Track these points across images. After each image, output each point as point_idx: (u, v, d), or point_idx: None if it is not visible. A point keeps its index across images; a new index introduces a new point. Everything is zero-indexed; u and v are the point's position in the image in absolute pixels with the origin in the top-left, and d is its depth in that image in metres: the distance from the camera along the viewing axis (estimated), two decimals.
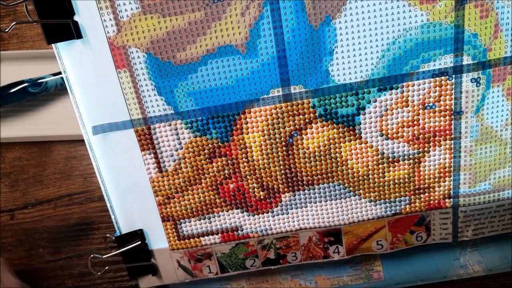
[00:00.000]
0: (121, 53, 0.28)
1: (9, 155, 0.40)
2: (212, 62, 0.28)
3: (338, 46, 0.28)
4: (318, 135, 0.30)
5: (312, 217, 0.33)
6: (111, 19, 0.27)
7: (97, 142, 0.30)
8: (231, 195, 0.32)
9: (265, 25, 0.27)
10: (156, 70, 0.28)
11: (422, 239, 0.34)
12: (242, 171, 0.31)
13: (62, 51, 0.28)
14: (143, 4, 0.27)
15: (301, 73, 0.29)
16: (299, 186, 0.32)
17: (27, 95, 0.40)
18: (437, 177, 0.32)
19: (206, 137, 0.30)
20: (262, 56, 0.28)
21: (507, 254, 0.36)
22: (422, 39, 0.28)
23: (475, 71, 0.29)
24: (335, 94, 0.29)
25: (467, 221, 0.33)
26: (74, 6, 0.27)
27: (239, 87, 0.29)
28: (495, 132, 0.31)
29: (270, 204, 0.32)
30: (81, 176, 0.39)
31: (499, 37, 0.28)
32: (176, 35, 0.27)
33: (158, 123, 0.29)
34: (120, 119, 0.29)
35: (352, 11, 0.27)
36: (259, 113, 0.29)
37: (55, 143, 0.40)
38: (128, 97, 0.29)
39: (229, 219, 0.32)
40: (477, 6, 0.27)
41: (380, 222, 0.33)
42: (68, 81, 0.29)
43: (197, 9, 0.27)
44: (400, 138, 0.31)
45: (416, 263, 0.36)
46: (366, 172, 0.31)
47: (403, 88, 0.29)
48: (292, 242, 0.34)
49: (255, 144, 0.30)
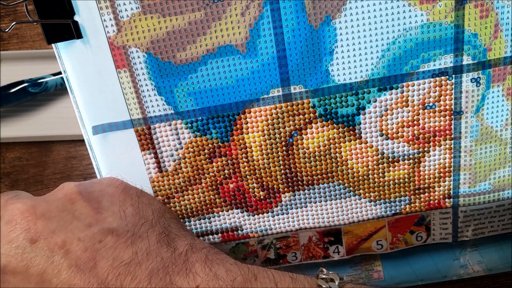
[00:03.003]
0: (121, 53, 0.28)
1: (9, 155, 0.40)
2: (212, 62, 0.28)
3: (338, 46, 0.28)
4: (318, 135, 0.30)
5: (312, 217, 0.33)
6: (111, 19, 0.27)
7: (97, 142, 0.30)
8: (231, 195, 0.32)
9: (265, 25, 0.27)
10: (156, 70, 0.28)
11: (422, 239, 0.34)
12: (242, 171, 0.31)
13: (62, 51, 0.28)
14: (143, 4, 0.27)
15: (301, 73, 0.29)
16: (299, 186, 0.32)
17: (27, 95, 0.40)
18: (437, 177, 0.32)
19: (206, 137, 0.30)
20: (262, 56, 0.28)
21: (507, 254, 0.36)
22: (422, 39, 0.28)
23: (475, 71, 0.29)
24: (335, 94, 0.29)
25: (467, 221, 0.33)
26: (74, 6, 0.27)
27: (239, 87, 0.29)
28: (495, 132, 0.31)
29: (270, 204, 0.32)
30: (81, 176, 0.39)
31: (499, 37, 0.28)
32: (176, 35, 0.27)
33: (158, 123, 0.29)
34: (120, 119, 0.29)
35: (352, 11, 0.27)
36: (259, 113, 0.29)
37: (55, 143, 0.40)
38: (128, 97, 0.29)
39: (229, 219, 0.32)
40: (477, 6, 0.27)
41: (380, 222, 0.33)
42: (68, 81, 0.29)
43: (197, 9, 0.27)
44: (400, 138, 0.31)
45: (416, 263, 0.36)
46: (366, 172, 0.31)
47: (403, 88, 0.29)
48: (292, 242, 0.34)
49: (255, 144, 0.30)
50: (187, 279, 0.25)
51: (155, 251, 0.26)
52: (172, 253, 0.26)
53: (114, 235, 0.25)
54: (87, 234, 0.25)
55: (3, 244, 0.25)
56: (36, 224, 0.25)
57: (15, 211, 0.26)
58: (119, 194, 0.28)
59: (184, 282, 0.25)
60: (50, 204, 0.26)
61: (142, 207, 0.28)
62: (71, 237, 0.25)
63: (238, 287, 0.25)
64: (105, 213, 0.27)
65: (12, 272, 0.24)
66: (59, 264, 0.24)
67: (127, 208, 0.27)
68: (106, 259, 0.25)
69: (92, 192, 0.28)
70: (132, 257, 0.25)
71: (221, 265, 0.26)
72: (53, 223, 0.25)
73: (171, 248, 0.26)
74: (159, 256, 0.25)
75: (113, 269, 0.24)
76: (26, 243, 0.25)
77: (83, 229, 0.25)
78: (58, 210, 0.26)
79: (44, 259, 0.24)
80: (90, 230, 0.25)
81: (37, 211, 0.26)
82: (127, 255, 0.25)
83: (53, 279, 0.24)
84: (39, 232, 0.25)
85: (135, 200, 0.28)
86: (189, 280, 0.25)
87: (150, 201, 0.29)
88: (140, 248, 0.25)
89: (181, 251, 0.26)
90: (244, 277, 0.25)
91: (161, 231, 0.27)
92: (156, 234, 0.26)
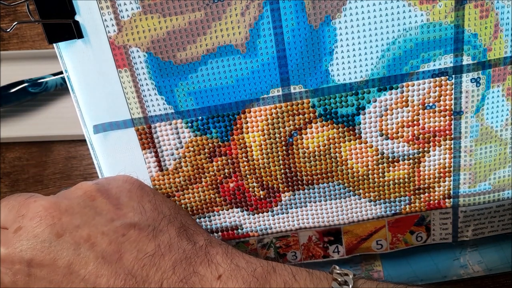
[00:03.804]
0: (121, 53, 0.28)
1: (9, 155, 0.40)
2: (212, 61, 0.28)
3: (338, 46, 0.28)
4: (318, 135, 0.30)
5: (312, 216, 0.33)
6: (112, 19, 0.27)
7: (98, 141, 0.30)
8: (231, 194, 0.32)
9: (265, 25, 0.27)
10: (157, 70, 0.28)
11: (422, 239, 0.34)
12: (242, 171, 0.31)
13: (63, 50, 0.28)
14: (143, 4, 0.27)
15: (301, 73, 0.29)
16: (299, 186, 0.32)
17: (27, 95, 0.40)
18: (437, 177, 0.32)
19: (206, 136, 0.30)
20: (262, 56, 0.28)
21: (507, 254, 0.36)
22: (422, 39, 0.28)
23: (475, 71, 0.29)
24: (335, 94, 0.29)
25: (467, 221, 0.33)
26: (75, 6, 0.27)
27: (239, 87, 0.29)
28: (495, 132, 0.31)
29: (270, 204, 0.32)
30: (81, 176, 0.39)
31: (499, 37, 0.28)
32: (177, 35, 0.27)
33: (158, 122, 0.29)
34: (121, 118, 0.29)
35: (352, 11, 0.27)
36: (259, 112, 0.29)
37: (55, 143, 0.40)
38: (128, 96, 0.29)
39: (229, 218, 0.32)
40: (477, 6, 0.27)
41: (380, 222, 0.33)
42: (69, 81, 0.29)
43: (197, 9, 0.27)
44: (400, 138, 0.31)
45: (416, 263, 0.36)
46: (366, 172, 0.31)
47: (403, 88, 0.29)
48: (292, 242, 0.34)
49: (255, 143, 0.30)
50: (210, 268, 0.26)
51: (176, 244, 0.27)
52: (193, 246, 0.27)
53: (136, 229, 0.26)
54: (110, 228, 0.26)
55: (29, 238, 0.26)
56: (60, 220, 0.26)
57: (38, 208, 0.26)
58: (135, 190, 0.29)
59: (207, 271, 0.26)
60: (72, 201, 0.27)
61: (159, 203, 0.29)
62: (95, 231, 0.26)
63: (259, 276, 0.26)
64: (125, 208, 0.27)
65: (39, 265, 0.25)
66: (86, 256, 0.25)
67: (145, 204, 0.28)
68: (130, 251, 0.26)
69: (110, 189, 0.28)
70: (155, 250, 0.26)
71: (241, 257, 0.27)
72: (76, 218, 0.26)
73: (191, 242, 0.27)
74: (181, 249, 0.26)
75: (138, 261, 0.25)
76: (52, 237, 0.26)
77: (106, 223, 0.26)
78: (80, 207, 0.27)
79: (71, 252, 0.25)
80: (112, 224, 0.26)
81: (61, 207, 0.27)
82: (150, 247, 0.26)
83: (81, 270, 0.25)
84: (64, 226, 0.26)
85: (151, 196, 0.29)
86: (212, 269, 0.26)
87: (164, 199, 0.30)
88: (162, 241, 0.26)
89: (201, 245, 0.27)
90: (264, 268, 0.26)
91: (180, 226, 0.28)
92: (176, 229, 0.28)
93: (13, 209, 0.27)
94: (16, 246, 0.26)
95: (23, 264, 0.25)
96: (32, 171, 0.40)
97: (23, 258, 0.25)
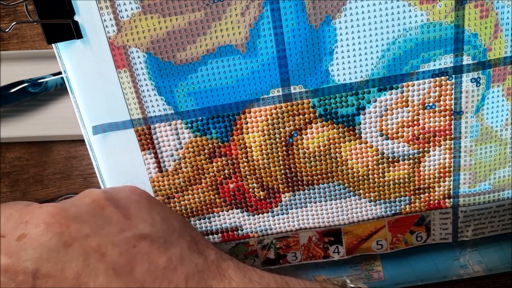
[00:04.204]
0: (121, 53, 0.28)
1: (9, 155, 0.40)
2: (212, 62, 0.28)
3: (338, 46, 0.28)
4: (318, 135, 0.30)
5: (312, 217, 0.33)
6: (111, 19, 0.27)
7: (97, 142, 0.30)
8: (231, 195, 0.32)
9: (265, 25, 0.27)
10: (156, 70, 0.28)
11: (422, 239, 0.34)
12: (242, 171, 0.31)
13: (62, 51, 0.28)
14: (143, 4, 0.27)
15: (301, 73, 0.29)
16: (299, 186, 0.32)
17: (27, 95, 0.40)
18: (437, 177, 0.32)
19: (206, 137, 0.30)
20: (262, 56, 0.28)
21: (507, 254, 0.36)
22: (422, 39, 0.28)
23: (475, 71, 0.29)
24: (335, 94, 0.29)
25: (467, 221, 0.33)
26: (74, 6, 0.27)
27: (239, 87, 0.29)
28: (495, 132, 0.31)
29: (270, 204, 0.32)
30: (81, 176, 0.39)
31: (499, 37, 0.28)
32: (176, 35, 0.27)
33: (158, 123, 0.29)
34: (120, 119, 0.29)
35: (352, 11, 0.27)
36: (259, 113, 0.29)
37: (55, 143, 0.40)
38: (128, 97, 0.29)
39: (229, 219, 0.32)
40: (477, 6, 0.27)
41: (380, 222, 0.33)
42: (68, 81, 0.29)
43: (197, 9, 0.27)
44: (400, 138, 0.31)
45: (416, 263, 0.36)
46: (366, 172, 0.31)
47: (403, 88, 0.29)
48: (292, 242, 0.34)
49: (255, 144, 0.30)
50: (223, 283, 0.25)
51: (188, 257, 0.26)
52: (204, 260, 0.26)
53: (147, 240, 0.25)
54: (121, 239, 0.25)
55: (35, 247, 0.24)
56: (69, 228, 0.25)
57: (44, 214, 0.25)
58: (144, 201, 0.28)
59: (220, 285, 0.25)
60: (80, 209, 0.26)
61: (167, 216, 0.28)
62: (105, 241, 0.25)
63: None
64: (135, 219, 0.26)
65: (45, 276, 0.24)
66: (96, 267, 0.24)
67: (155, 216, 0.27)
68: (142, 263, 0.24)
69: (119, 199, 0.27)
70: (167, 262, 0.25)
71: (253, 271, 0.26)
72: (86, 227, 0.25)
73: (202, 256, 0.26)
74: (192, 262, 0.26)
75: (150, 273, 0.24)
76: (60, 246, 0.24)
77: (116, 234, 0.25)
78: (89, 215, 0.26)
79: (80, 263, 0.24)
80: (123, 235, 0.25)
81: (69, 214, 0.25)
82: (162, 260, 0.25)
83: (90, 282, 0.24)
84: (73, 235, 0.24)
85: (160, 208, 0.28)
86: (225, 284, 0.25)
87: (172, 211, 0.29)
88: (174, 254, 0.25)
89: (213, 259, 0.26)
90: (277, 283, 0.26)
91: (190, 239, 0.27)
92: (186, 242, 0.27)
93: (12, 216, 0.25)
94: (20, 256, 0.24)
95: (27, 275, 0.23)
96: (32, 171, 0.40)
97: (28, 269, 0.23)
